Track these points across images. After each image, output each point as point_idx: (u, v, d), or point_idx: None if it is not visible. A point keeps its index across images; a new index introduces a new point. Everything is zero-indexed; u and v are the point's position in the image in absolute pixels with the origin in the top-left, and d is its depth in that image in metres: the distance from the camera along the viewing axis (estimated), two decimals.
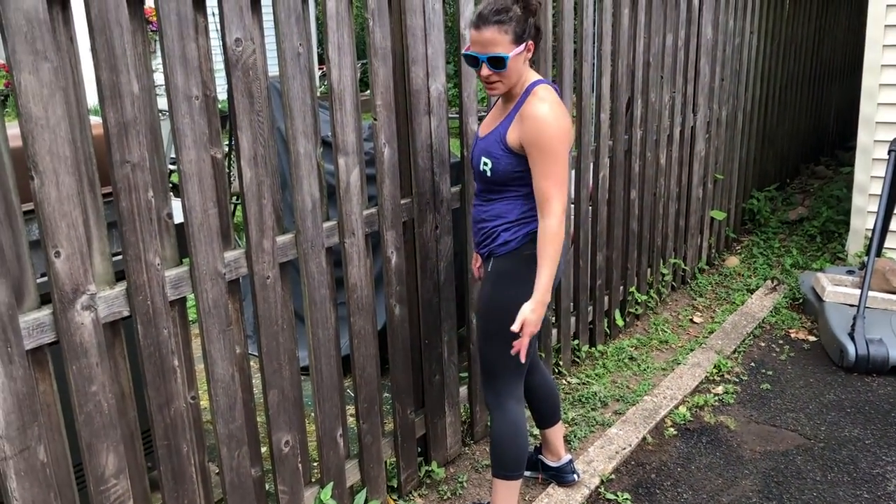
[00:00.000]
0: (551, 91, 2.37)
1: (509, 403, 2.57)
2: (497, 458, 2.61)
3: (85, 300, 1.85)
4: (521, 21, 2.26)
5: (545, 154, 2.28)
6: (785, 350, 4.24)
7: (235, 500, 2.33)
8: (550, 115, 2.27)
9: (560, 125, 2.28)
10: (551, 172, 2.29)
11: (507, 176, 2.37)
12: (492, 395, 2.59)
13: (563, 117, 2.30)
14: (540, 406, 2.89)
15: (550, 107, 2.29)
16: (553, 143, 2.27)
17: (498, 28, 2.24)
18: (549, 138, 2.27)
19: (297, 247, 2.38)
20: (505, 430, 2.58)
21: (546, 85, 2.38)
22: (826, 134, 8.79)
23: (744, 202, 6.26)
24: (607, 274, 4.27)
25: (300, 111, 2.30)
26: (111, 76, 1.81)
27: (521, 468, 2.62)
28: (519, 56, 2.29)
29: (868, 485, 3.01)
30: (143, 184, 1.92)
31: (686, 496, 2.98)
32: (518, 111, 2.33)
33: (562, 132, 2.28)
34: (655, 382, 3.86)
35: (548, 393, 2.88)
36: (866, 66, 5.01)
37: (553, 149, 2.27)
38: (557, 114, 2.29)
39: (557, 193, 2.29)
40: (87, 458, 1.92)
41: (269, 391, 2.38)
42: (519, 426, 2.58)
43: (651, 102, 4.34)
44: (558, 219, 2.29)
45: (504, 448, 2.59)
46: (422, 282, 2.89)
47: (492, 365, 2.54)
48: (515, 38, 2.26)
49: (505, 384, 2.56)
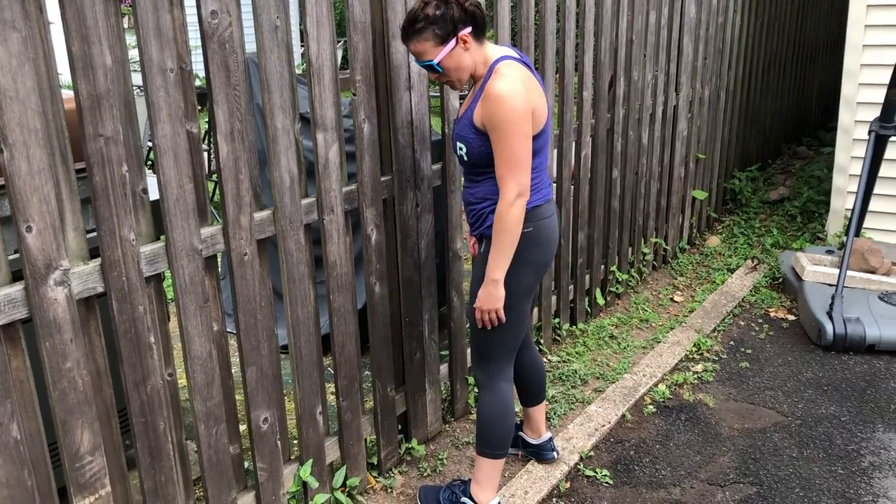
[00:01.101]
0: (514, 66, 2.28)
1: (499, 384, 2.57)
2: (484, 436, 2.60)
3: (58, 276, 1.82)
4: (438, 20, 2.20)
5: (499, 133, 2.21)
6: (764, 329, 4.27)
7: (213, 477, 2.32)
8: (506, 92, 2.19)
9: (516, 103, 2.19)
10: (504, 151, 2.22)
11: (482, 158, 2.34)
12: (482, 375, 2.58)
13: (521, 94, 2.20)
14: (527, 384, 2.89)
15: (509, 84, 2.20)
16: (507, 121, 2.19)
17: (416, 39, 2.25)
18: (502, 117, 2.19)
19: (276, 223, 2.36)
20: (494, 410, 2.57)
21: (509, 60, 2.30)
22: (808, 114, 8.82)
23: (725, 182, 6.28)
24: (588, 253, 4.27)
25: (278, 85, 2.27)
26: (83, 47, 1.77)
27: (506, 447, 2.62)
28: (453, 52, 2.25)
29: (843, 461, 3.05)
30: (117, 158, 1.89)
31: (664, 473, 3.01)
32: (482, 91, 2.28)
33: (517, 110, 2.19)
34: (635, 360, 3.88)
35: (535, 372, 2.88)
36: (848, 46, 5.01)
37: (506, 128, 2.20)
38: (515, 91, 2.20)
39: (510, 175, 2.23)
40: (62, 435, 1.91)
41: (248, 368, 2.36)
42: (508, 406, 2.58)
43: (634, 81, 4.33)
44: (508, 202, 2.23)
45: (492, 427, 2.58)
46: (402, 260, 2.88)
47: (483, 345, 2.53)
48: (439, 40, 2.23)
49: (496, 364, 2.55)
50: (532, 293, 2.51)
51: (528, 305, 2.52)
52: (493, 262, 2.31)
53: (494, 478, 2.65)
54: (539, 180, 2.44)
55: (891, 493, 2.85)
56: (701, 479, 2.96)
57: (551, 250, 2.47)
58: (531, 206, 2.40)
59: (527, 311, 2.53)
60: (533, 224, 2.40)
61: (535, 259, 2.43)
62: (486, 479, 2.64)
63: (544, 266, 2.47)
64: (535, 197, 2.42)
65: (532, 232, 2.40)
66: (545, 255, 2.45)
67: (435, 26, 2.21)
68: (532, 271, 2.44)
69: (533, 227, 2.40)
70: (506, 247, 2.28)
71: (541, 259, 2.44)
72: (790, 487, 2.90)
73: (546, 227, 2.44)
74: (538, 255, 2.43)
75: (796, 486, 2.91)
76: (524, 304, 2.49)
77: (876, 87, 4.94)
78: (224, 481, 2.35)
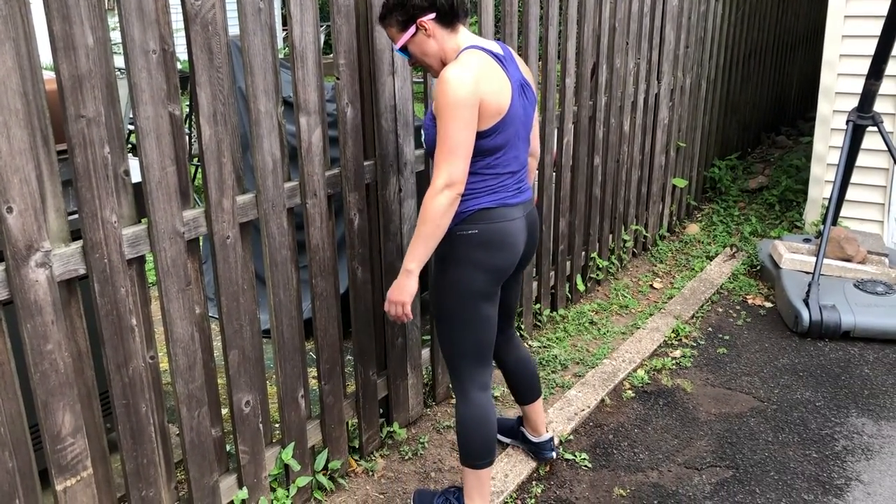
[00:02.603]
0: (475, 54, 2.20)
1: (472, 392, 2.44)
2: (464, 448, 2.48)
3: (39, 257, 1.81)
4: (398, 7, 2.23)
5: (440, 118, 2.13)
6: (742, 315, 4.32)
7: (195, 460, 2.33)
8: (450, 77, 2.11)
9: (458, 88, 2.09)
10: (440, 137, 2.12)
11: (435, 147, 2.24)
12: (454, 382, 2.47)
13: (466, 81, 2.11)
14: (517, 384, 2.81)
15: (457, 69, 2.13)
16: (446, 106, 2.10)
17: (384, 24, 2.31)
18: (443, 101, 2.11)
19: (258, 207, 2.36)
20: (469, 420, 2.44)
21: (473, 50, 2.23)
22: (788, 103, 8.89)
23: (705, 170, 6.33)
24: (569, 239, 4.30)
25: (261, 68, 2.26)
26: (64, 27, 1.76)
27: (489, 456, 2.48)
28: (415, 38, 2.26)
29: (817, 445, 3.11)
30: (99, 139, 1.88)
31: (642, 456, 3.05)
32: None
33: (457, 97, 2.09)
34: (615, 346, 3.92)
35: (524, 371, 2.79)
36: (827, 36, 5.06)
37: (444, 112, 2.11)
38: (460, 78, 2.11)
39: (442, 161, 2.12)
40: (43, 417, 1.90)
41: (230, 351, 2.37)
42: (484, 416, 2.44)
43: (616, 68, 4.35)
44: (435, 190, 2.11)
45: (469, 437, 2.45)
46: (385, 245, 2.88)
47: (446, 349, 2.44)
48: (401, 26, 2.25)
49: (466, 371, 2.42)
50: (491, 297, 2.36)
51: (488, 309, 2.36)
52: (409, 252, 2.18)
53: (483, 488, 2.52)
54: (496, 183, 2.30)
55: (863, 476, 2.90)
56: (678, 462, 3.01)
57: (508, 256, 2.32)
58: (477, 208, 2.27)
59: (488, 315, 2.37)
60: (479, 226, 2.28)
61: (484, 262, 2.29)
62: (475, 489, 2.53)
63: (498, 271, 2.32)
64: (485, 199, 2.28)
65: (477, 234, 2.28)
66: (498, 260, 2.31)
67: (396, 12, 2.25)
68: (482, 274, 2.30)
69: (479, 230, 2.28)
70: (424, 237, 2.15)
71: (493, 263, 2.30)
72: (765, 471, 2.95)
73: (499, 231, 2.29)
74: (488, 259, 2.29)
75: (771, 469, 2.96)
76: (480, 308, 2.34)
77: (854, 77, 5.00)
78: (206, 464, 2.36)
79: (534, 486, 2.87)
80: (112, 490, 2.17)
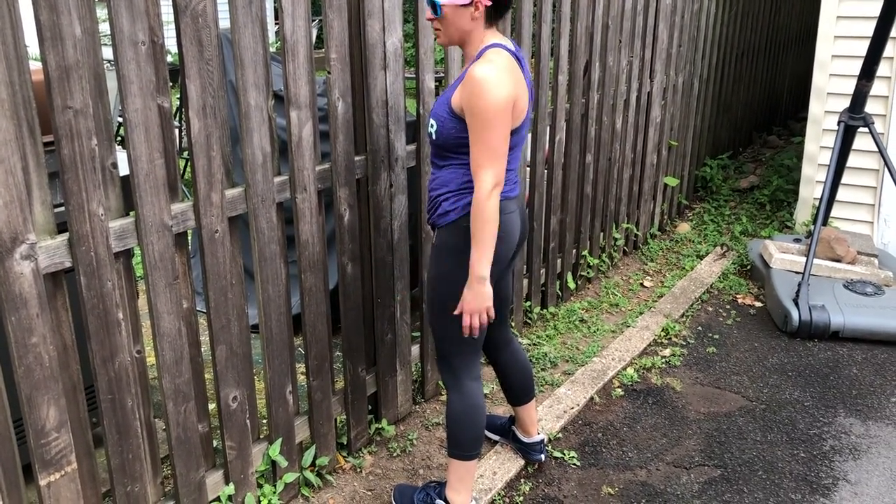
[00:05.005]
0: (502, 54, 2.20)
1: (465, 383, 2.47)
2: (453, 438, 2.49)
3: (24, 250, 1.79)
4: None
5: (477, 119, 2.12)
6: (731, 315, 4.33)
7: (182, 455, 2.31)
8: (489, 78, 2.10)
9: (498, 92, 2.11)
10: (481, 140, 2.13)
11: (450, 141, 2.25)
12: (447, 374, 2.49)
13: (504, 84, 2.12)
14: (509, 384, 2.80)
15: (493, 70, 2.12)
16: (487, 109, 2.11)
17: None
18: (483, 104, 2.10)
19: (247, 201, 2.34)
20: (461, 411, 2.46)
21: (499, 48, 2.22)
22: (779, 103, 8.91)
23: (697, 169, 6.33)
24: (560, 237, 4.30)
25: (251, 61, 2.24)
26: (51, 17, 1.74)
27: (477, 448, 2.51)
28: (459, 9, 2.19)
29: (805, 444, 3.11)
30: (86, 131, 1.86)
31: (631, 455, 3.05)
32: (466, 74, 2.21)
33: (498, 98, 2.11)
34: (605, 344, 3.92)
35: (517, 371, 2.78)
36: (820, 36, 5.06)
37: (485, 116, 2.11)
38: (498, 79, 2.11)
39: (486, 164, 2.14)
40: (27, 411, 1.88)
41: (217, 346, 2.35)
42: (476, 407, 2.47)
43: (609, 66, 4.34)
44: (485, 193, 2.14)
45: (460, 429, 2.47)
46: (375, 240, 2.87)
47: (441, 342, 2.45)
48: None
49: (460, 362, 2.45)
50: None
51: None
52: (476, 259, 2.19)
53: (468, 480, 2.55)
54: (509, 175, 2.37)
55: (850, 475, 2.91)
56: (667, 461, 3.01)
57: (507, 247, 2.37)
58: None
59: None
60: None
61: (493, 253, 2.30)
62: (459, 481, 2.54)
63: (499, 262, 2.36)
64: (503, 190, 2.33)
65: None
66: (499, 251, 2.35)
67: None
68: None
69: None
70: (487, 240, 2.18)
71: (498, 253, 2.35)
72: (753, 470, 2.95)
73: (507, 221, 2.34)
74: (497, 249, 2.33)
75: (759, 468, 2.96)
76: None
77: (846, 78, 5.00)
78: (192, 459, 2.34)
79: (522, 483, 2.86)
80: (97, 485, 2.15)
